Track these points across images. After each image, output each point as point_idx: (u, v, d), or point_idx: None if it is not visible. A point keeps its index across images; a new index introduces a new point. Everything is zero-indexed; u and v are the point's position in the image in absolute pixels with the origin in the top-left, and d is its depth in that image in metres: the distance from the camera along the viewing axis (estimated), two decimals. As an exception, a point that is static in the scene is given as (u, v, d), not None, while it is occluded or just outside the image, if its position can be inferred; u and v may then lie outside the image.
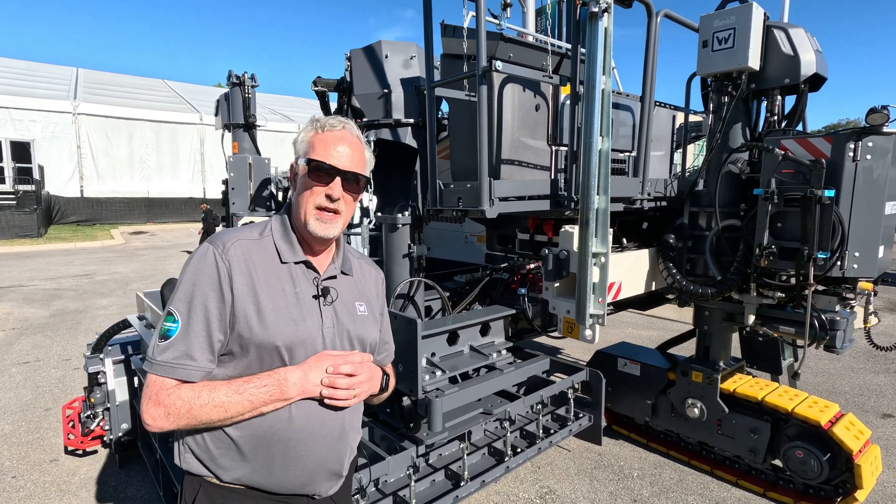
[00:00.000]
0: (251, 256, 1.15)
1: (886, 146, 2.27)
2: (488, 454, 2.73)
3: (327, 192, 1.16)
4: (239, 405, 1.07)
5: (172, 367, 1.08)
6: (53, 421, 3.82)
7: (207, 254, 1.13)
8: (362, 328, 1.28)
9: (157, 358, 1.08)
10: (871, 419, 3.84)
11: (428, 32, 2.46)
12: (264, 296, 1.14)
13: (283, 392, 1.10)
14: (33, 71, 24.93)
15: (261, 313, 1.12)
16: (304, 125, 1.23)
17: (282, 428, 1.13)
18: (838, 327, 2.55)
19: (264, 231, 1.21)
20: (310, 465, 1.18)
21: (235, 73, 4.97)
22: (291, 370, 1.12)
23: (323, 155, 1.16)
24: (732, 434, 2.98)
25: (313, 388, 1.13)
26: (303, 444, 1.16)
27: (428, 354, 2.42)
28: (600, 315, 2.38)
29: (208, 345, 1.10)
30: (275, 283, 1.16)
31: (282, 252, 1.19)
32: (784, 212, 2.46)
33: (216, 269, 1.11)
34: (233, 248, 1.14)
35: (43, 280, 9.78)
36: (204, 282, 1.11)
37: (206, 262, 1.12)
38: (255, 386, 1.09)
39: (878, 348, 2.73)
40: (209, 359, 1.10)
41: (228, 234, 1.19)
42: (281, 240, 1.21)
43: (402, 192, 3.51)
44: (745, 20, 2.52)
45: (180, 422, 1.06)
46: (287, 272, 1.19)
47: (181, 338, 1.08)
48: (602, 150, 2.26)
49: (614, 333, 6.03)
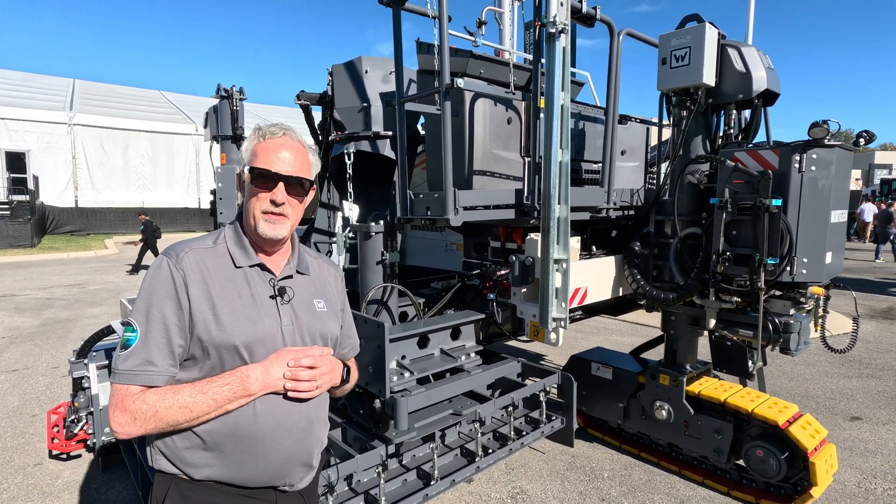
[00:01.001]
0: (205, 264, 1.21)
1: (829, 158, 2.41)
2: (460, 455, 2.82)
3: (272, 198, 1.23)
4: (203, 404, 1.12)
5: (135, 374, 1.13)
6: (39, 426, 3.88)
7: (162, 265, 1.20)
8: (322, 324, 1.35)
9: (119, 367, 1.13)
10: (839, 422, 3.95)
11: (397, 49, 2.59)
12: (220, 300, 1.19)
13: (245, 388, 1.15)
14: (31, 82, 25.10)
15: (217, 316, 1.18)
16: (250, 136, 1.29)
17: (248, 423, 1.19)
18: (792, 330, 2.66)
19: (218, 239, 1.28)
20: (279, 457, 1.24)
21: (224, 86, 5.12)
22: (253, 367, 1.18)
23: (265, 162, 1.23)
24: (698, 435, 3.08)
25: (276, 382, 1.19)
26: (270, 438, 1.21)
27: (398, 357, 2.52)
28: (563, 319, 2.49)
29: (168, 350, 1.15)
30: (230, 287, 1.22)
31: (235, 257, 1.26)
32: (738, 220, 2.59)
33: (171, 279, 1.17)
34: (186, 257, 1.20)
35: (35, 290, 9.82)
36: (159, 291, 1.17)
37: (160, 273, 1.18)
38: (217, 385, 1.14)
39: (833, 350, 2.84)
40: (170, 363, 1.16)
41: (183, 244, 1.25)
42: (234, 245, 1.27)
43: (382, 201, 3.63)
44: (700, 39, 2.67)
45: (147, 425, 1.11)
46: (242, 276, 1.25)
47: (140, 346, 1.14)
48: (562, 162, 2.39)
49: (598, 340, 6.13)
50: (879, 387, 4.68)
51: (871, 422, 3.96)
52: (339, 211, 3.85)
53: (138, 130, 22.22)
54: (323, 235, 3.78)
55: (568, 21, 2.31)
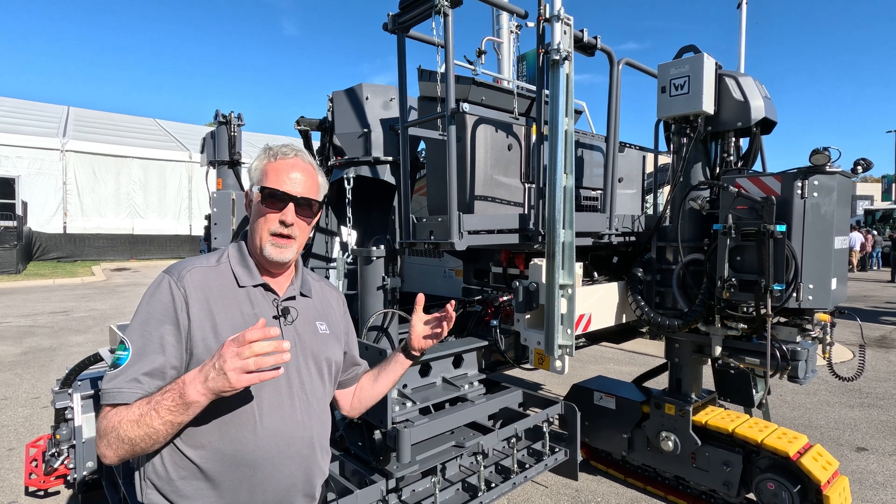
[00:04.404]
0: (208, 282, 1.17)
1: (831, 184, 2.42)
2: (462, 489, 2.70)
3: (281, 218, 1.20)
4: (149, 416, 1.01)
5: (119, 392, 1.05)
6: (16, 461, 3.68)
7: (162, 283, 1.15)
8: (324, 347, 1.31)
9: (104, 386, 1.07)
10: (845, 452, 3.87)
11: (402, 76, 2.60)
12: (222, 318, 1.15)
13: (183, 395, 1.00)
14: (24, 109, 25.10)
15: (219, 336, 1.13)
16: (260, 155, 1.26)
17: (248, 449, 1.12)
18: (800, 357, 2.62)
19: (221, 257, 1.24)
20: (280, 486, 1.17)
21: (222, 112, 5.13)
22: (188, 374, 1.02)
23: (276, 182, 1.20)
24: (706, 467, 2.99)
25: (222, 375, 0.96)
26: (271, 465, 1.15)
27: (399, 386, 2.44)
28: (569, 346, 2.44)
29: (160, 372, 1.09)
30: (232, 307, 1.18)
31: (239, 276, 1.22)
32: (742, 246, 2.58)
33: (171, 297, 1.12)
34: (188, 275, 1.16)
35: (17, 317, 9.55)
36: (158, 310, 1.12)
37: (160, 292, 1.13)
38: (160, 394, 1.03)
39: (841, 378, 2.80)
40: (158, 384, 1.07)
41: (185, 262, 1.21)
42: (238, 265, 1.23)
43: (381, 226, 3.59)
44: (698, 68, 2.72)
45: (113, 445, 1.03)
46: (245, 295, 1.21)
47: (130, 364, 1.07)
48: (566, 187, 2.38)
49: (596, 369, 6.04)
50: (882, 416, 4.62)
51: (877, 453, 3.88)
52: (336, 236, 3.81)
53: (131, 157, 22.15)
54: (320, 260, 3.72)
55: (571, 49, 2.34)
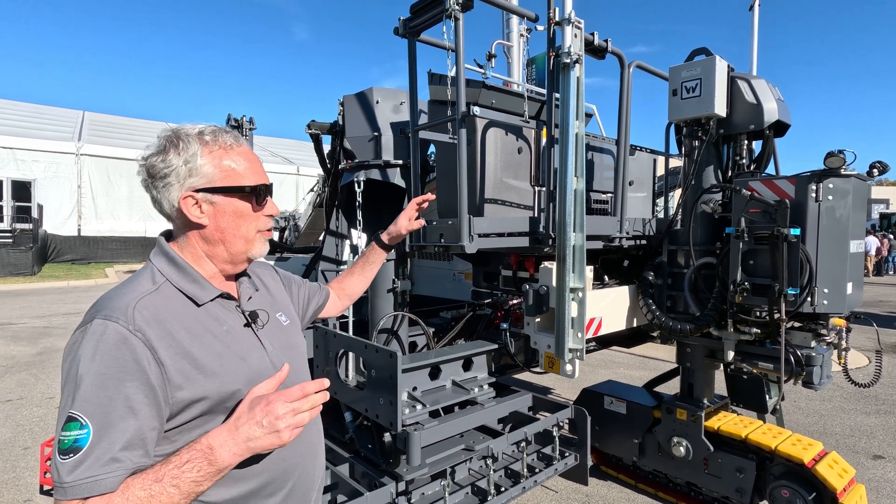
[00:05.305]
0: (161, 313, 0.96)
1: (846, 188, 2.39)
2: (471, 493, 2.69)
3: (268, 213, 1.11)
4: (165, 496, 0.84)
5: (95, 481, 0.83)
6: (31, 460, 3.73)
7: (107, 333, 0.90)
8: (292, 338, 1.24)
9: (67, 480, 0.82)
10: (861, 460, 3.80)
11: (413, 80, 2.61)
12: (198, 350, 0.98)
13: (213, 462, 0.89)
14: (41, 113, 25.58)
15: (204, 368, 0.97)
16: (192, 147, 1.04)
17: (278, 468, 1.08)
18: (814, 363, 2.58)
19: (155, 279, 1.02)
20: (309, 484, 1.18)
21: (235, 116, 5.18)
22: (214, 435, 0.91)
23: (255, 175, 1.08)
24: (719, 473, 2.95)
25: (274, 434, 0.92)
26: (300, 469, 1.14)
27: (409, 389, 2.44)
28: (579, 349, 2.42)
29: (137, 437, 0.87)
30: (201, 332, 1.01)
31: (193, 295, 1.03)
32: (755, 249, 2.55)
33: (127, 348, 0.89)
34: (137, 313, 0.93)
35: (32, 318, 9.70)
36: (111, 367, 0.88)
37: (107, 344, 0.89)
38: (175, 467, 0.86)
39: (857, 384, 2.75)
40: (140, 457, 0.88)
41: (118, 297, 0.96)
42: (184, 282, 1.04)
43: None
44: (710, 71, 2.70)
45: None
46: (205, 314, 1.04)
47: (96, 443, 0.84)
48: (577, 190, 2.37)
49: (605, 373, 6.00)
50: (899, 424, 4.54)
51: (894, 460, 3.81)
52: (347, 239, 3.83)
53: (144, 161, 22.49)
54: (330, 263, 3.74)
55: (582, 52, 2.34)
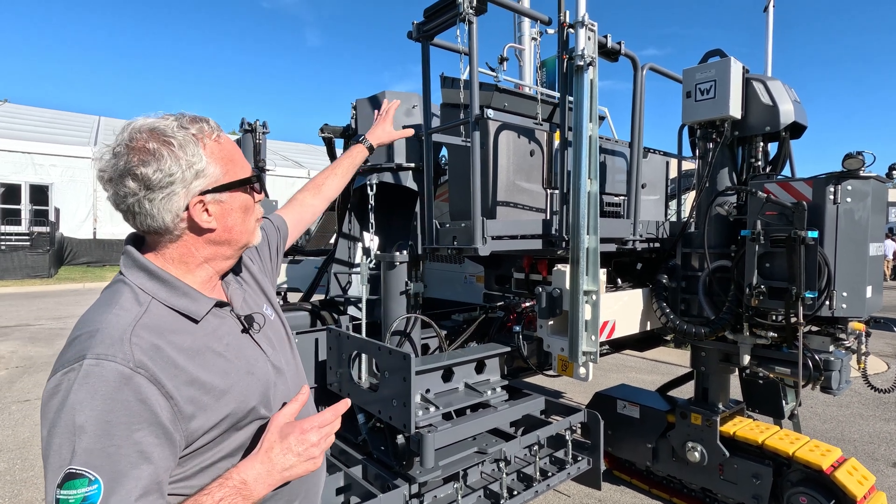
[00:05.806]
0: (157, 339, 0.87)
1: (865, 190, 2.36)
2: (484, 496, 2.68)
3: (259, 200, 1.07)
4: None
5: None
6: (49, 459, 3.79)
7: (105, 374, 0.79)
8: (280, 329, 1.19)
9: None
10: (881, 467, 3.73)
11: (426, 83, 2.63)
12: (204, 374, 0.91)
13: (247, 497, 0.88)
14: (58, 119, 26.07)
15: (214, 391, 0.91)
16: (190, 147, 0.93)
17: None
18: (833, 368, 2.54)
19: (140, 300, 0.91)
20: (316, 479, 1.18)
21: (248, 120, 5.25)
22: (246, 469, 0.89)
23: (245, 167, 1.03)
24: (734, 479, 2.91)
25: (310, 461, 0.94)
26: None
27: (422, 391, 2.44)
28: (593, 353, 2.41)
29: (154, 482, 0.81)
30: (201, 351, 0.93)
31: (188, 311, 0.94)
32: (771, 252, 2.52)
33: (132, 389, 0.80)
34: (135, 347, 0.83)
35: (49, 319, 9.87)
36: (117, 413, 0.78)
37: (106, 386, 0.79)
38: None
39: (876, 390, 2.71)
40: (157, 497, 0.82)
41: (107, 329, 0.84)
42: (174, 297, 0.94)
43: (403, 232, 3.62)
44: (725, 72, 2.68)
45: None
46: (202, 331, 0.95)
47: (108, 496, 0.76)
48: (591, 192, 2.36)
49: (618, 377, 5.95)
50: (919, 431, 4.44)
51: (915, 468, 3.73)
52: (359, 241, 3.85)
53: (158, 164, 22.81)
54: (343, 265, 3.77)
55: (595, 54, 2.34)
